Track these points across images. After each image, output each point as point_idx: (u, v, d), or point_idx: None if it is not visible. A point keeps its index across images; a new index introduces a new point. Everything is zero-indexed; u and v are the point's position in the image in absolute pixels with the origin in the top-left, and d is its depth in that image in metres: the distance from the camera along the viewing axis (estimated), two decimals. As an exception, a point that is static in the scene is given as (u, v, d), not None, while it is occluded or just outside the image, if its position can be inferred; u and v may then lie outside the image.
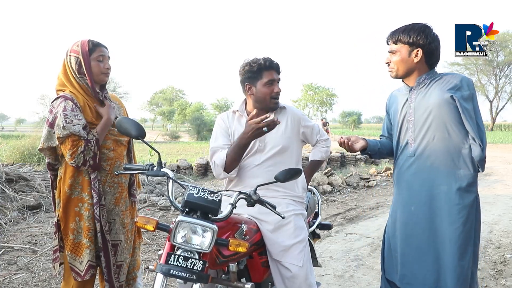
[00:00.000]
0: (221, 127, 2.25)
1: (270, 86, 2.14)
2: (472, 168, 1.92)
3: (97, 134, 2.12)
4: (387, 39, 2.04)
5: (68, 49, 2.17)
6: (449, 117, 1.90)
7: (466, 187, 1.92)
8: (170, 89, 71.86)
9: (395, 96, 2.17)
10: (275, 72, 2.17)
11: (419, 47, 1.94)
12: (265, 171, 2.13)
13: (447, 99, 1.89)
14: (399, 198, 2.09)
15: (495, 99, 46.64)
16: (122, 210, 2.27)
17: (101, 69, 2.17)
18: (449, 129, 1.91)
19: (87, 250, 2.13)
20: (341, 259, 3.92)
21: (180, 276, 1.51)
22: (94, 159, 2.07)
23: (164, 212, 5.54)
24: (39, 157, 8.48)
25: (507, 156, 16.04)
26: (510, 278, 3.41)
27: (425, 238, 1.96)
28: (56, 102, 2.10)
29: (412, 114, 2.01)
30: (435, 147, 1.94)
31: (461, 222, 1.90)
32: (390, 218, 2.16)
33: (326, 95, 55.67)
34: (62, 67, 2.19)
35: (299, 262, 2.02)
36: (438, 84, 1.95)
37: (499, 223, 5.37)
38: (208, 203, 1.61)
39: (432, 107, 1.93)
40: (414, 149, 2.00)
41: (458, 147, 1.92)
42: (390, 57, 2.03)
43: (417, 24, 1.98)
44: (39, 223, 4.72)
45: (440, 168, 1.93)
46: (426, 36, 1.93)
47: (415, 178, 2.00)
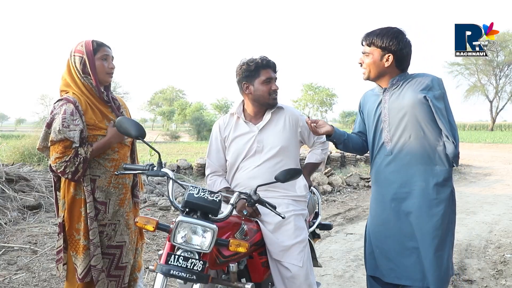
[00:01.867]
0: (215, 137, 2.33)
1: (268, 84, 2.17)
2: (447, 163, 2.00)
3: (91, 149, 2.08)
4: (362, 39, 2.09)
5: (72, 49, 2.17)
6: (423, 116, 1.96)
7: (442, 182, 1.99)
8: (170, 89, 71.85)
9: (369, 96, 2.23)
10: (272, 70, 2.19)
11: (391, 53, 2.00)
12: (264, 172, 2.14)
13: (420, 100, 1.95)
14: (378, 196, 2.15)
15: (495, 99, 46.63)
16: (126, 211, 2.26)
17: (106, 68, 2.16)
18: (424, 128, 1.97)
19: (87, 251, 2.12)
20: (341, 259, 3.91)
21: (180, 276, 1.51)
22: (73, 174, 2.03)
23: (164, 212, 5.54)
24: (39, 157, 8.47)
25: (507, 156, 16.04)
26: (510, 278, 3.41)
27: (407, 233, 2.02)
28: (58, 104, 2.09)
29: (386, 115, 2.07)
30: (411, 145, 2.00)
31: (440, 216, 1.97)
32: (369, 216, 2.23)
33: (326, 95, 55.65)
34: (66, 67, 2.18)
35: (299, 262, 2.02)
36: (411, 85, 2.01)
37: (499, 223, 5.37)
38: (208, 203, 1.61)
39: (406, 107, 1.99)
40: (391, 148, 2.06)
41: (434, 144, 1.98)
42: (363, 58, 2.08)
43: (392, 28, 2.03)
44: (39, 223, 4.72)
45: (418, 165, 2.00)
46: (399, 42, 1.98)
47: (393, 175, 2.06)
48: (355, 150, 2.29)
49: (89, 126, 2.10)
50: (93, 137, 2.11)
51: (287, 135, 2.21)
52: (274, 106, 2.22)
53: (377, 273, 2.15)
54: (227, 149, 2.28)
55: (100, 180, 2.15)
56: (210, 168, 2.32)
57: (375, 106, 2.14)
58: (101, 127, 2.13)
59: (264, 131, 2.21)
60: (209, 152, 2.34)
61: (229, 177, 2.28)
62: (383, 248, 2.10)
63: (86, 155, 2.06)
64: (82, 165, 2.05)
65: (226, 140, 2.29)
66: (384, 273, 2.11)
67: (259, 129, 2.21)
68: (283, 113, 2.25)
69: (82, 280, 2.12)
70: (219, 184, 2.24)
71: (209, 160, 2.33)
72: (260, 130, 2.20)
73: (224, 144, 2.30)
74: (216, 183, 2.25)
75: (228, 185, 2.26)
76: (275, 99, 2.21)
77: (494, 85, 46.21)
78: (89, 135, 2.10)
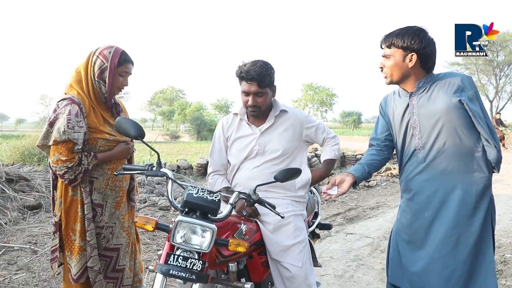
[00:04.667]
0: (219, 136, 2.32)
1: (245, 97, 2.12)
2: (487, 170, 1.88)
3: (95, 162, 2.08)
4: (380, 42, 1.98)
5: (98, 48, 2.13)
6: (459, 122, 1.85)
7: (482, 190, 1.87)
8: (170, 89, 71.85)
9: (393, 101, 2.10)
10: (255, 84, 2.05)
11: (414, 52, 1.87)
12: (263, 173, 2.14)
13: (455, 104, 1.83)
14: (409, 204, 2.03)
15: (495, 99, 46.60)
16: (122, 214, 2.27)
17: (119, 84, 2.17)
18: (460, 134, 1.86)
19: (84, 253, 2.12)
20: (341, 259, 3.91)
21: (180, 276, 1.51)
22: (71, 181, 2.04)
23: (164, 212, 5.53)
24: (39, 157, 8.48)
25: (507, 156, 16.03)
26: (510, 278, 3.41)
27: (441, 244, 1.91)
28: (62, 103, 2.06)
29: (417, 121, 1.95)
30: (447, 152, 1.89)
31: (478, 225, 1.86)
32: (398, 223, 2.11)
33: (326, 95, 55.64)
34: (85, 61, 2.14)
35: (299, 262, 2.02)
36: (441, 88, 1.89)
37: (499, 223, 5.36)
38: (207, 203, 1.61)
39: (440, 113, 1.87)
40: (424, 155, 1.95)
41: (471, 150, 1.87)
42: (384, 62, 1.95)
43: (412, 27, 1.91)
44: (39, 223, 4.72)
45: (454, 173, 1.89)
46: (421, 40, 1.86)
47: (427, 184, 1.95)
48: (382, 166, 2.20)
49: (90, 129, 2.10)
50: (93, 140, 2.11)
51: (289, 139, 2.19)
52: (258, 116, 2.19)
53: (400, 283, 2.06)
54: (229, 149, 2.28)
55: (97, 182, 2.15)
56: (212, 167, 2.32)
57: (401, 111, 2.01)
58: (102, 130, 2.13)
59: (265, 134, 2.20)
60: (211, 151, 2.34)
61: (230, 177, 2.28)
62: (414, 257, 1.98)
63: (87, 167, 2.06)
64: (82, 176, 2.05)
65: (228, 139, 2.28)
66: (410, 283, 2.00)
67: (261, 131, 2.20)
68: (287, 116, 2.23)
69: (77, 281, 2.12)
70: (220, 184, 2.23)
71: (212, 159, 2.32)
72: (262, 133, 2.19)
73: (227, 143, 2.29)
74: (217, 182, 2.25)
75: (229, 184, 2.25)
76: (253, 112, 2.14)
77: (494, 85, 46.16)
78: (90, 137, 2.09)
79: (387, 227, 5.03)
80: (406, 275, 2.02)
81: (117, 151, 2.18)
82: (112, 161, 2.18)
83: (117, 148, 2.18)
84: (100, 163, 2.12)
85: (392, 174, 9.30)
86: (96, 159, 2.09)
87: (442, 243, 1.90)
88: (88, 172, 2.08)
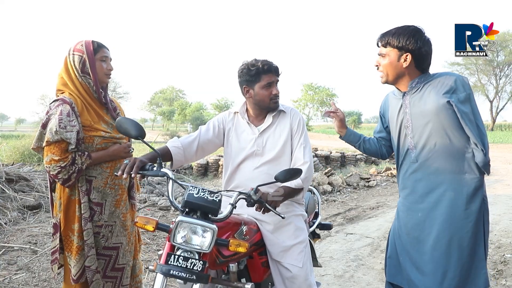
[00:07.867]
0: (215, 123, 2.25)
1: (268, 88, 2.13)
2: (478, 171, 1.87)
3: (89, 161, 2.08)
4: (377, 41, 1.98)
5: (70, 48, 2.16)
6: (448, 123, 1.84)
7: (473, 192, 1.87)
8: (170, 89, 71.88)
9: (390, 99, 2.12)
10: (274, 74, 2.14)
11: (408, 52, 1.87)
12: (262, 174, 2.13)
13: (444, 105, 1.83)
14: (405, 203, 2.05)
15: (495, 99, 46.62)
16: (123, 212, 2.26)
17: (104, 70, 2.17)
18: (449, 134, 1.86)
19: (82, 252, 2.12)
20: (341, 259, 3.92)
21: (180, 276, 1.51)
22: (65, 181, 2.03)
23: (164, 212, 5.54)
24: (39, 157, 8.48)
25: (507, 156, 16.03)
26: (510, 278, 3.41)
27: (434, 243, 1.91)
28: (54, 104, 2.08)
29: (409, 120, 1.96)
30: (437, 153, 1.89)
31: (470, 227, 1.86)
32: (396, 222, 2.12)
33: (326, 95, 55.60)
34: (63, 65, 2.17)
35: (299, 262, 2.02)
36: (433, 88, 1.88)
37: (499, 223, 5.36)
38: (208, 203, 1.61)
39: (430, 114, 1.87)
40: (416, 155, 1.96)
41: (461, 151, 1.87)
42: (379, 60, 1.97)
43: (409, 27, 1.91)
44: (39, 223, 4.71)
45: (445, 174, 1.89)
46: (416, 40, 1.86)
47: (420, 184, 1.96)
48: (372, 154, 2.26)
49: (85, 127, 2.09)
50: (89, 138, 2.11)
51: (284, 139, 2.19)
52: (276, 109, 2.21)
53: (398, 281, 2.07)
54: (226, 144, 2.26)
55: (96, 181, 2.14)
56: (183, 138, 2.16)
57: (396, 111, 2.03)
58: (97, 128, 2.13)
59: (264, 134, 2.20)
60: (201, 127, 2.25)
61: (226, 178, 2.27)
62: (409, 256, 2.00)
63: (81, 166, 2.06)
64: (76, 175, 2.05)
65: (225, 133, 2.25)
66: (407, 281, 2.01)
67: (260, 131, 2.20)
68: (285, 117, 2.23)
69: (77, 281, 2.11)
70: (171, 143, 2.10)
71: (191, 134, 2.21)
72: (260, 133, 2.19)
73: (222, 134, 2.25)
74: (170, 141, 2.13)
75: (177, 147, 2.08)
76: (276, 103, 2.17)
77: (494, 85, 46.18)
78: (85, 136, 2.09)
79: (387, 227, 5.03)
80: (404, 273, 2.03)
81: (112, 150, 2.18)
82: (108, 160, 2.18)
83: (112, 148, 2.18)
84: (95, 163, 2.12)
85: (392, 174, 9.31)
86: (91, 159, 2.08)
87: (435, 244, 1.91)
88: (82, 171, 2.07)
